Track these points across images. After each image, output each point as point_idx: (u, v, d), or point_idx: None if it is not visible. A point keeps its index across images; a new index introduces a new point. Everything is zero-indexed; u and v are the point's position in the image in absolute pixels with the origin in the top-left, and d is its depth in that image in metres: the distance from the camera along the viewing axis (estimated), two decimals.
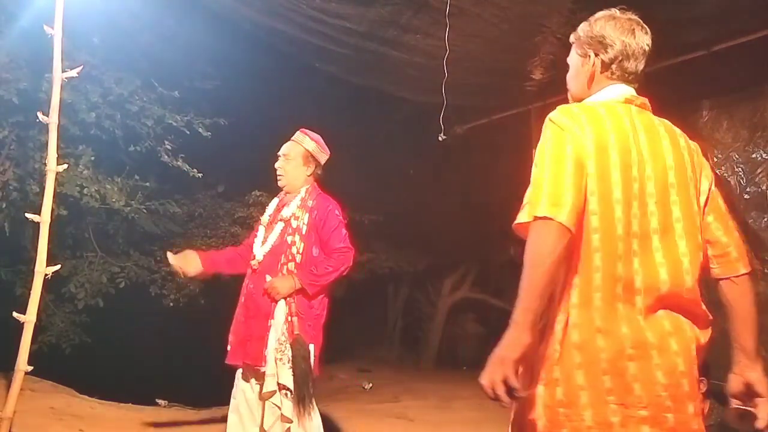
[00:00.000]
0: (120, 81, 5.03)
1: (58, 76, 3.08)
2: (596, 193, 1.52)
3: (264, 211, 3.48)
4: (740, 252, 1.76)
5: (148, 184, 5.68)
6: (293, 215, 3.15)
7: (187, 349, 7.26)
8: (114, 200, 5.27)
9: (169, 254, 3.20)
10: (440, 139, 3.47)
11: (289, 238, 3.11)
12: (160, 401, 5.82)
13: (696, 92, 3.40)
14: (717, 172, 3.28)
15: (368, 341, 9.12)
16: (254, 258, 3.17)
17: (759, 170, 3.10)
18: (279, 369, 2.99)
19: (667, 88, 3.53)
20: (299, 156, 3.29)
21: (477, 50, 3.43)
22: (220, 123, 5.59)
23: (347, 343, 7.99)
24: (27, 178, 4.88)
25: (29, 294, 3.01)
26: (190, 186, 6.44)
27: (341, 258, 3.09)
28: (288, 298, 3.05)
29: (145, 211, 5.73)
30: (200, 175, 5.50)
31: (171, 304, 6.62)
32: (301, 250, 3.10)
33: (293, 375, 2.98)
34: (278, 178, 3.26)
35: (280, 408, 3.01)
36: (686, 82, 3.42)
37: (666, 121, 1.79)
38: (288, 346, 3.01)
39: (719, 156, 3.28)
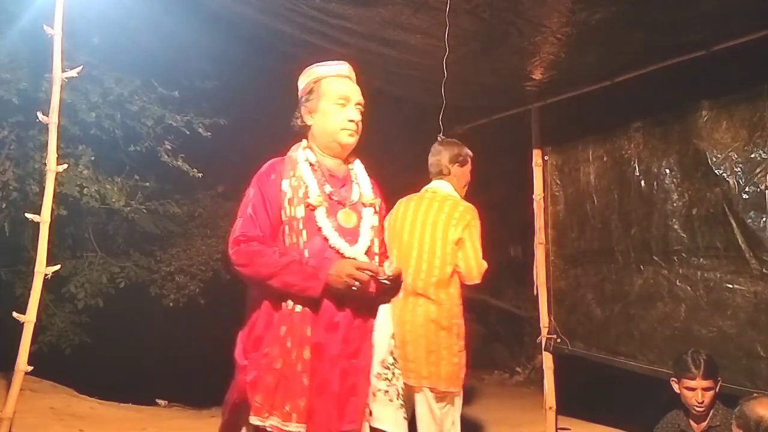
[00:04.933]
0: (120, 81, 5.03)
1: (58, 76, 3.08)
2: None
3: None
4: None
5: (148, 184, 5.68)
6: (374, 197, 2.32)
7: (187, 349, 7.26)
8: (114, 200, 5.27)
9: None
10: (440, 139, 3.47)
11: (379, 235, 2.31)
12: (160, 401, 5.83)
13: (695, 92, 3.40)
14: (717, 172, 3.28)
15: None
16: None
17: (758, 170, 3.10)
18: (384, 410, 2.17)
19: (666, 88, 3.54)
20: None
21: (477, 50, 3.43)
22: (220, 123, 5.59)
23: None
24: (27, 178, 4.88)
25: (29, 294, 3.01)
26: (190, 186, 6.44)
27: None
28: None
29: (145, 211, 5.73)
30: (200, 175, 5.50)
31: (171, 304, 6.63)
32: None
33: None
34: (352, 133, 2.24)
35: None
36: (685, 82, 3.42)
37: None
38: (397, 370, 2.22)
39: (718, 156, 3.28)
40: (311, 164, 2.24)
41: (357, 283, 2.08)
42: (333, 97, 2.25)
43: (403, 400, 2.23)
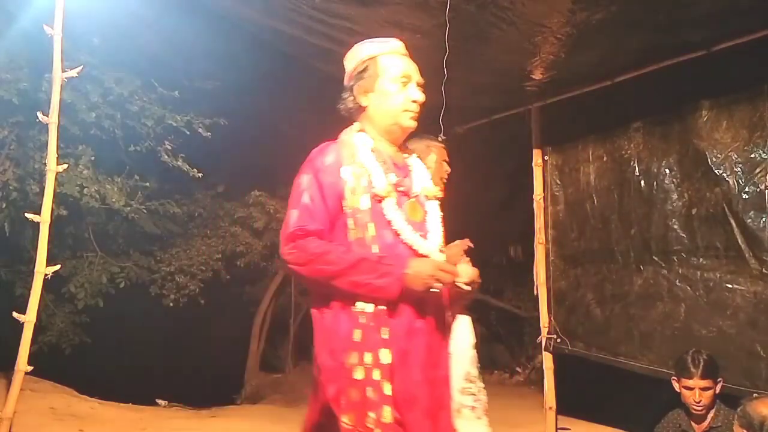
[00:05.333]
0: (120, 81, 5.04)
1: (58, 76, 3.08)
2: None
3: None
4: None
5: (148, 184, 5.69)
6: (438, 191, 2.17)
7: (186, 349, 7.27)
8: (114, 200, 5.28)
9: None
10: (440, 139, 3.46)
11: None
12: (160, 401, 5.84)
13: (695, 92, 3.39)
14: (717, 172, 3.28)
15: None
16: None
17: (758, 170, 3.10)
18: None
19: (666, 88, 3.54)
20: None
21: (477, 50, 3.43)
22: (220, 123, 5.60)
23: None
24: (27, 178, 4.89)
25: (29, 294, 3.00)
26: (190, 186, 6.45)
27: None
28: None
29: (145, 211, 5.74)
30: (200, 175, 5.51)
31: (171, 304, 6.64)
32: None
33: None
34: (414, 115, 2.00)
35: None
36: (685, 82, 3.42)
37: None
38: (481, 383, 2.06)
39: (718, 156, 3.28)
40: (372, 150, 1.96)
41: (439, 285, 1.85)
42: (393, 75, 1.97)
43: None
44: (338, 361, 1.80)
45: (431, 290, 1.84)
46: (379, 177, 1.91)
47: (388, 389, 1.76)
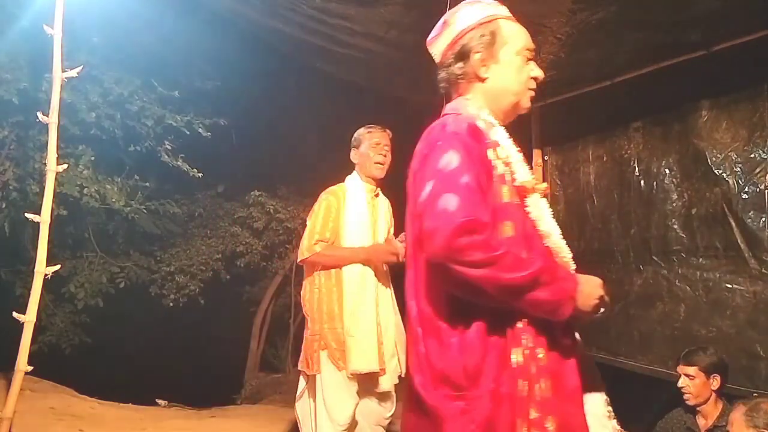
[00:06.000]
0: (120, 81, 5.03)
1: (58, 76, 3.08)
2: None
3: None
4: None
5: (148, 184, 5.69)
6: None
7: (186, 349, 7.27)
8: (114, 200, 5.28)
9: None
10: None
11: None
12: (160, 401, 5.83)
13: (695, 92, 3.40)
14: (716, 171, 3.28)
15: None
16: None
17: (758, 170, 3.10)
18: None
19: (666, 87, 3.54)
20: None
21: None
22: (220, 123, 5.60)
23: None
24: (27, 178, 4.89)
25: (29, 294, 3.01)
26: (190, 186, 6.45)
27: None
28: None
29: (145, 211, 5.74)
30: (200, 175, 5.50)
31: (171, 304, 6.64)
32: None
33: None
34: (532, 96, 1.71)
35: None
36: (685, 82, 3.42)
37: None
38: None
39: (718, 156, 3.28)
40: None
41: (602, 310, 1.52)
42: (518, 45, 1.63)
43: None
44: (485, 388, 1.42)
45: (598, 314, 1.52)
46: (522, 167, 1.58)
47: (551, 425, 1.43)
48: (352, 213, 3.15)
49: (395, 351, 3.15)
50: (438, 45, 1.71)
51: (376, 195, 3.25)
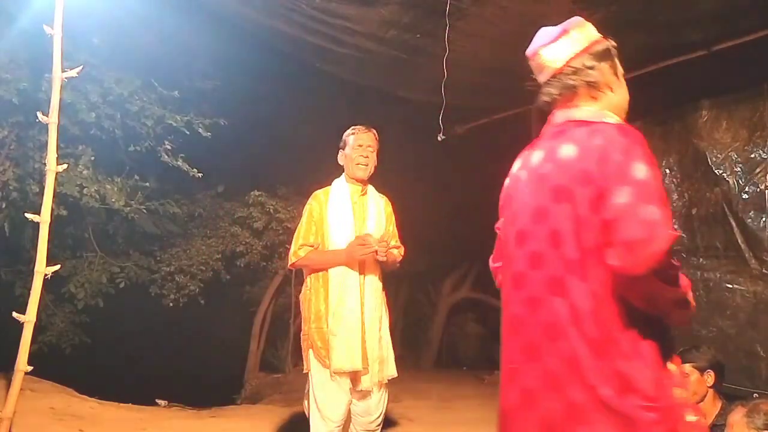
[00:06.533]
0: (120, 81, 5.03)
1: (58, 76, 3.08)
2: None
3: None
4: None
5: (148, 184, 5.68)
6: None
7: (186, 349, 7.27)
8: (114, 200, 5.27)
9: None
10: (440, 139, 3.46)
11: None
12: (160, 401, 5.83)
13: (695, 92, 3.40)
14: (716, 171, 3.28)
15: None
16: None
17: (758, 170, 3.10)
18: None
19: (666, 87, 3.54)
20: None
21: (477, 50, 3.44)
22: (220, 123, 5.60)
23: None
24: (27, 178, 4.88)
25: (29, 294, 3.01)
26: (190, 186, 6.44)
27: None
28: None
29: (145, 211, 5.73)
30: (200, 175, 5.50)
31: (171, 304, 6.64)
32: None
33: None
34: None
35: None
36: (686, 82, 3.42)
37: None
38: None
39: (718, 156, 3.28)
40: None
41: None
42: (620, 69, 1.74)
43: None
44: (670, 396, 1.51)
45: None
46: None
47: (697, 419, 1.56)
48: (334, 215, 3.18)
49: (380, 352, 3.14)
50: (558, 50, 1.77)
51: (363, 194, 3.24)
